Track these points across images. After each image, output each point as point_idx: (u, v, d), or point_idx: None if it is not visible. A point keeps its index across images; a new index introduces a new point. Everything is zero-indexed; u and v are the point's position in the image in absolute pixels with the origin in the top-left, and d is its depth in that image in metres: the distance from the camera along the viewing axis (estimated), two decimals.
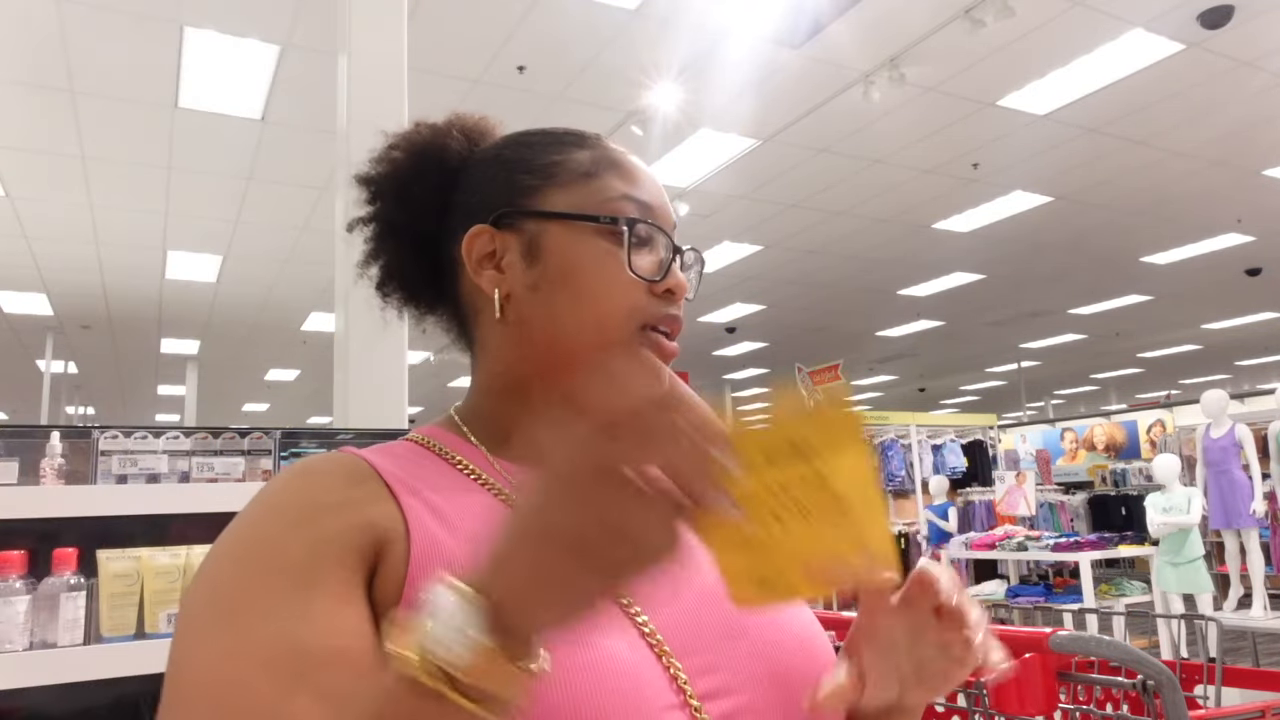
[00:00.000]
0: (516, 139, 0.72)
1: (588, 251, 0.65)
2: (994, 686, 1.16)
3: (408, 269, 0.73)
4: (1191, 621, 2.66)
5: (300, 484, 0.59)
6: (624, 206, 0.67)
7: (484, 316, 0.70)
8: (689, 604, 0.62)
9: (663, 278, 0.67)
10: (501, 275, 0.67)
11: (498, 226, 0.68)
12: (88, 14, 4.62)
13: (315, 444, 1.91)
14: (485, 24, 4.89)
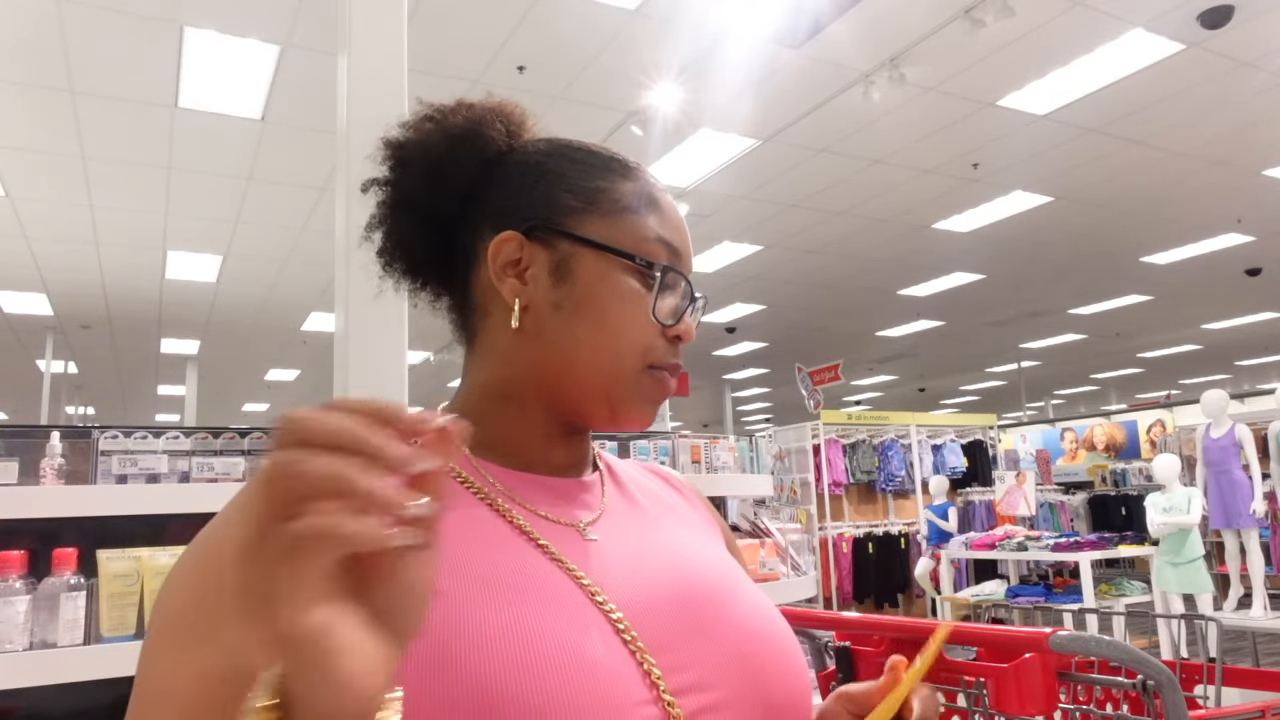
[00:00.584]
0: (563, 150, 0.71)
1: (617, 287, 0.67)
2: (994, 686, 1.16)
3: (418, 245, 0.72)
4: (1191, 621, 2.66)
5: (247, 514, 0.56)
6: (658, 250, 0.68)
7: (494, 320, 0.69)
8: (662, 600, 0.62)
9: (676, 323, 0.69)
10: (524, 286, 0.67)
11: (529, 237, 0.68)
12: (88, 14, 4.62)
13: None
14: (485, 24, 4.89)
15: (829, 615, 1.44)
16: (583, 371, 0.67)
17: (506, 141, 0.72)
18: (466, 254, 0.71)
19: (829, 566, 8.62)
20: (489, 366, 0.70)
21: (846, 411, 10.15)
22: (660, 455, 2.42)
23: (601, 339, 0.66)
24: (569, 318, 0.67)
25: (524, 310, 0.67)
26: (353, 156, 3.01)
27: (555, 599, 0.58)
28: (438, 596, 0.55)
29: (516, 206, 0.69)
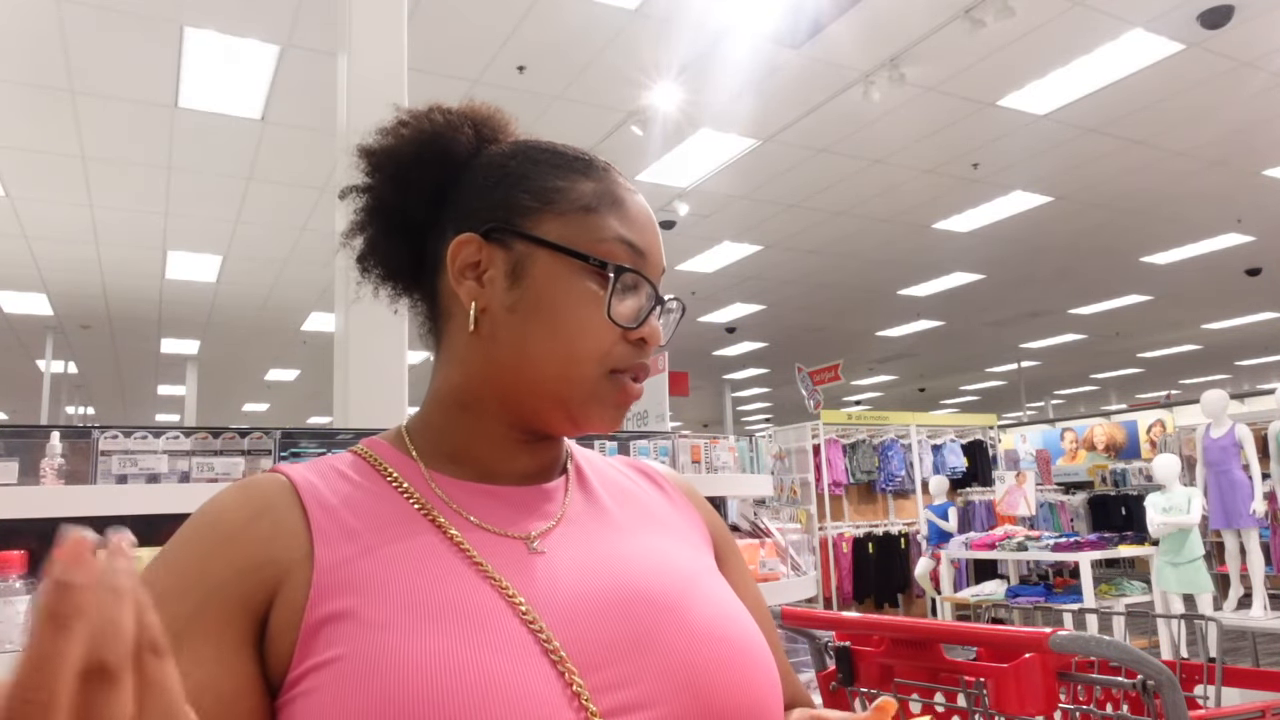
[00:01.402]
0: (526, 151, 0.70)
1: (571, 288, 0.65)
2: (994, 686, 1.16)
3: (391, 250, 0.72)
4: (1191, 621, 2.66)
5: (200, 533, 0.59)
6: (616, 250, 0.66)
7: (455, 322, 0.69)
8: (601, 615, 0.60)
9: (638, 326, 0.66)
10: (481, 289, 0.67)
11: (487, 238, 0.67)
12: (88, 14, 4.62)
13: (315, 444, 1.91)
14: (485, 24, 4.89)
15: (829, 615, 1.44)
16: (537, 376, 0.65)
17: (475, 145, 0.71)
18: (433, 258, 0.70)
19: (829, 566, 8.63)
20: (448, 373, 0.69)
21: (846, 411, 10.15)
22: (660, 455, 2.42)
23: (556, 343, 0.65)
24: (523, 320, 0.65)
25: (481, 313, 0.66)
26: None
27: (478, 620, 0.56)
28: (356, 621, 0.55)
29: (477, 209, 0.68)
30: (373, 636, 0.54)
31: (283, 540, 0.59)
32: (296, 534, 0.59)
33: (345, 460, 0.68)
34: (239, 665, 0.55)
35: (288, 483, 0.63)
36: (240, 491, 0.62)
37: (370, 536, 0.60)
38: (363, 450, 0.69)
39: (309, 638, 0.55)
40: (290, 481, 0.63)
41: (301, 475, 0.64)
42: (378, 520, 0.61)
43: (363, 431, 2.04)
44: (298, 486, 0.62)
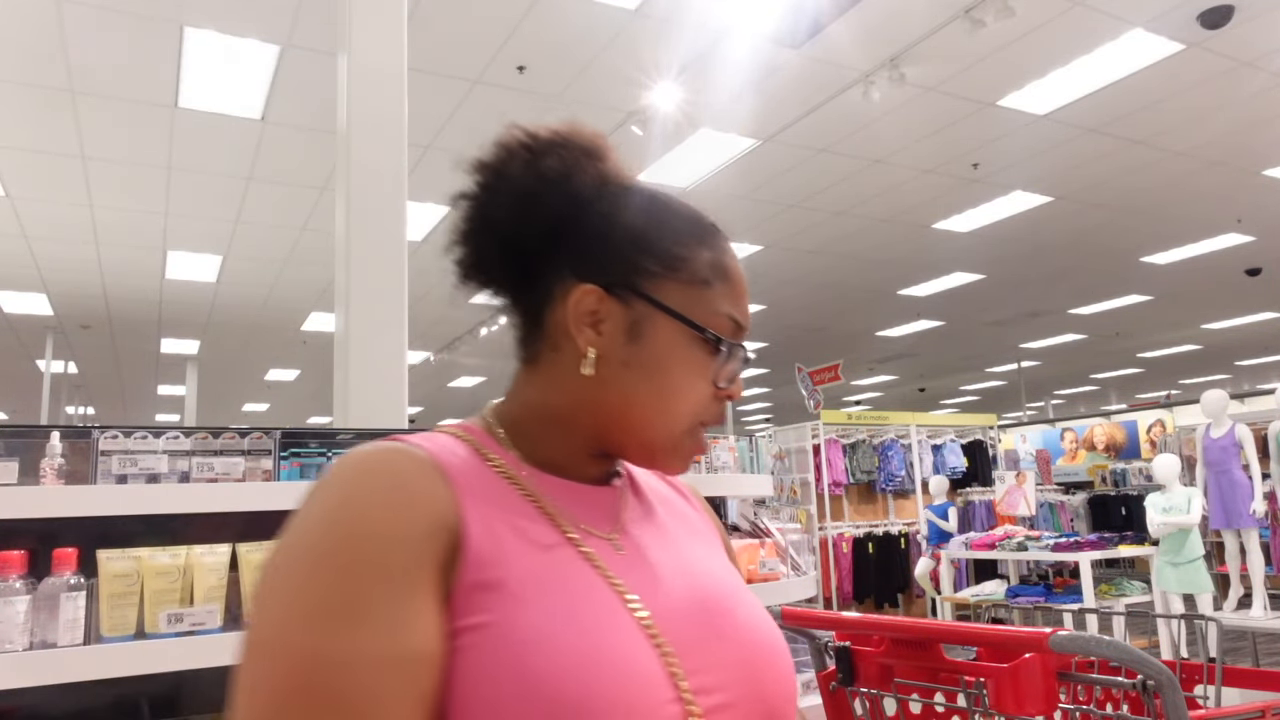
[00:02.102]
0: (647, 206, 0.74)
1: (684, 355, 0.71)
2: (994, 686, 1.16)
3: (497, 267, 0.75)
4: (1191, 621, 2.66)
5: (385, 484, 0.62)
6: (724, 324, 0.73)
7: (563, 355, 0.73)
8: (682, 608, 0.67)
9: (729, 385, 0.74)
10: (598, 338, 0.71)
11: (609, 292, 0.71)
12: (88, 14, 4.62)
13: (315, 444, 1.91)
14: (485, 24, 4.89)
15: (829, 615, 1.44)
16: (636, 424, 0.72)
17: (596, 186, 0.74)
18: (545, 288, 0.73)
19: (829, 566, 8.62)
20: (548, 393, 0.74)
21: (846, 411, 10.15)
22: None
23: (660, 400, 0.71)
24: (636, 375, 0.71)
25: (599, 358, 0.71)
26: (353, 156, 3.01)
27: (599, 603, 0.63)
28: (502, 593, 0.61)
29: (598, 258, 0.72)
30: (516, 610, 0.60)
31: (451, 508, 0.64)
32: (451, 503, 0.64)
33: (449, 441, 0.71)
34: (438, 616, 0.60)
35: (427, 456, 0.66)
36: (403, 456, 0.65)
37: (497, 516, 0.66)
38: (462, 434, 0.73)
39: (463, 599, 0.61)
40: (429, 455, 0.67)
41: (436, 453, 0.67)
42: (499, 502, 0.67)
43: (363, 431, 2.04)
44: (441, 464, 0.66)
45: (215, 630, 1.62)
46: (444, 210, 7.71)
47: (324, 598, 0.56)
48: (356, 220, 2.93)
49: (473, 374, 15.68)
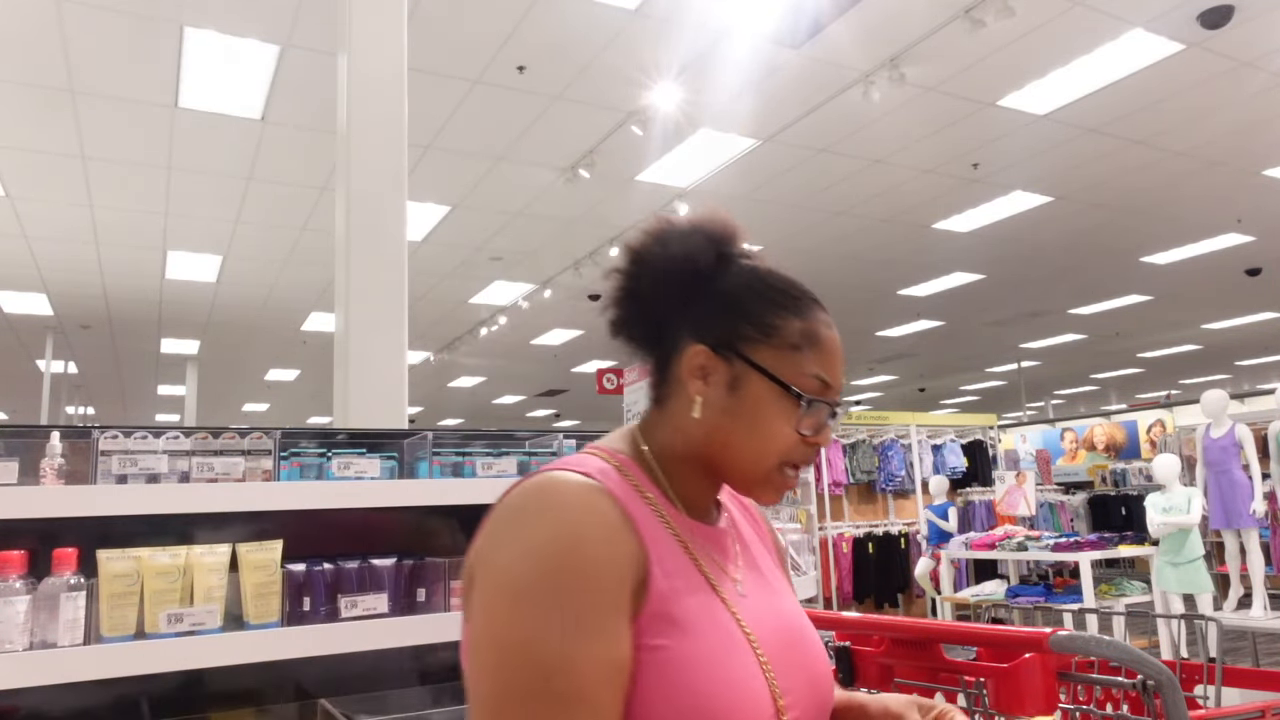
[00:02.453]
0: (752, 284, 0.90)
1: (774, 407, 0.87)
2: (994, 686, 1.16)
3: (639, 326, 0.94)
4: (1191, 621, 2.66)
5: (599, 520, 0.78)
6: (810, 383, 0.87)
7: (680, 400, 0.90)
8: (781, 643, 0.86)
9: (815, 435, 0.89)
10: (706, 388, 0.88)
11: (715, 352, 0.88)
12: (88, 14, 4.62)
13: (315, 444, 1.91)
14: (485, 24, 4.89)
15: (829, 615, 1.45)
16: (734, 461, 0.88)
17: (714, 264, 0.91)
18: (671, 345, 0.91)
19: (829, 566, 8.62)
20: (672, 433, 0.91)
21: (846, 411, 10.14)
22: None
23: (753, 442, 0.87)
24: (733, 422, 0.87)
25: (704, 405, 0.88)
26: (352, 156, 3.02)
27: (735, 640, 0.82)
28: (675, 624, 0.78)
29: (709, 324, 0.89)
30: (685, 641, 0.78)
31: (636, 547, 0.80)
32: (640, 545, 0.80)
33: (616, 478, 0.86)
34: (630, 634, 0.76)
35: (616, 500, 0.81)
36: (601, 496, 0.80)
37: (667, 558, 0.82)
38: (619, 467, 0.88)
39: (647, 623, 0.77)
40: (617, 499, 0.81)
41: (615, 488, 0.83)
42: (665, 545, 0.84)
43: (363, 431, 2.04)
44: (625, 506, 0.82)
45: (215, 630, 1.62)
46: (444, 210, 7.71)
47: (566, 614, 0.72)
48: (356, 220, 2.93)
49: (473, 374, 15.68)
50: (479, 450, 2.09)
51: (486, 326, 11.80)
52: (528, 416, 21.49)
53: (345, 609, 1.75)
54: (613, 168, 6.88)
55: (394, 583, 1.83)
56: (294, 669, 1.82)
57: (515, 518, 0.78)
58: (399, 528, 2.03)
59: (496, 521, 0.80)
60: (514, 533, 0.77)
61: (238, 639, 1.62)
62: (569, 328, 12.41)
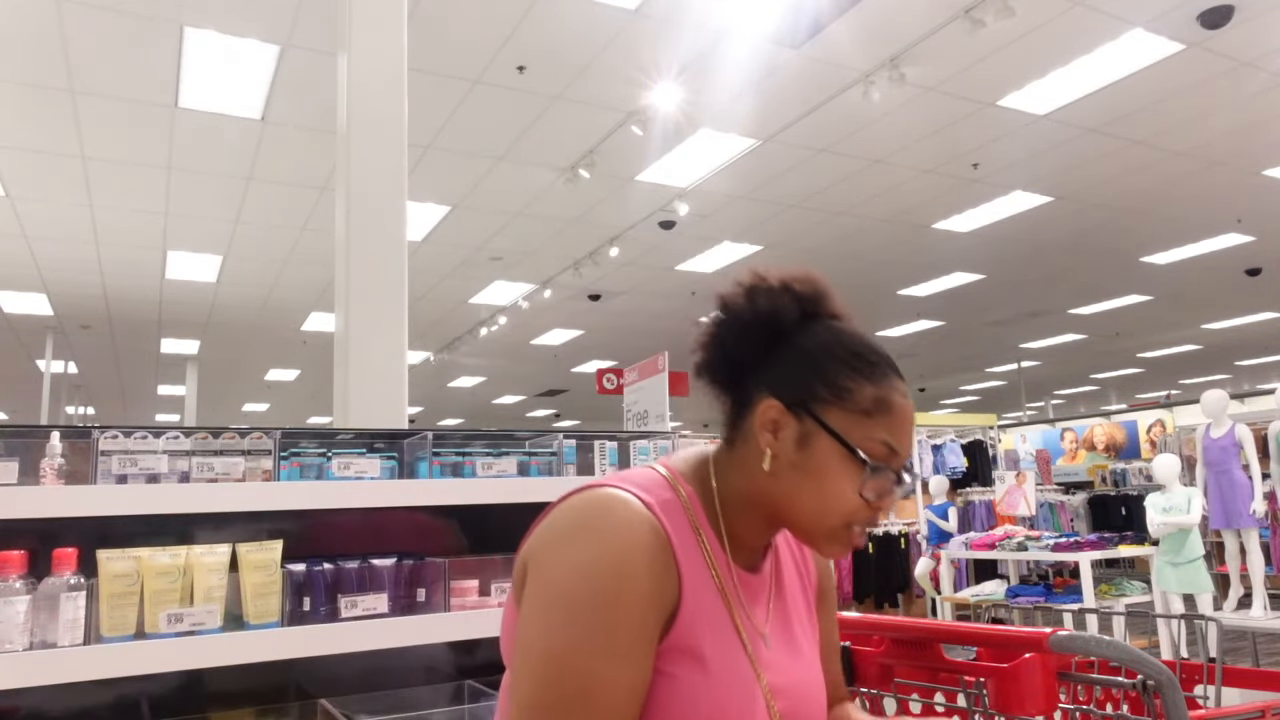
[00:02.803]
0: (830, 345, 0.93)
1: (840, 468, 0.88)
2: (994, 686, 1.16)
3: (721, 371, 0.98)
4: (1191, 621, 2.66)
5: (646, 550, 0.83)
6: (877, 449, 0.89)
7: (751, 447, 0.93)
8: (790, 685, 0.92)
9: (879, 498, 0.90)
10: (776, 442, 0.91)
11: (787, 408, 0.90)
12: (88, 14, 4.62)
13: (315, 444, 1.91)
14: (485, 24, 4.89)
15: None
16: (798, 514, 0.91)
17: (798, 320, 0.96)
18: (748, 394, 0.95)
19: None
20: (739, 477, 0.94)
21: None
22: (661, 455, 2.42)
23: (817, 500, 0.89)
24: (800, 477, 0.90)
25: (772, 458, 0.90)
26: (352, 156, 3.01)
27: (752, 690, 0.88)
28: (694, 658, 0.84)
29: (785, 380, 0.92)
30: (701, 677, 0.84)
31: (673, 583, 0.85)
32: (678, 581, 0.86)
33: (676, 508, 0.90)
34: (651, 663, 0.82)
35: (667, 535, 0.86)
36: (651, 530, 0.85)
37: (702, 597, 0.88)
38: (687, 504, 0.92)
39: (666, 652, 0.84)
40: (667, 534, 0.86)
41: (669, 522, 0.87)
42: (702, 586, 0.89)
43: (363, 431, 2.04)
44: (673, 543, 0.87)
45: (215, 630, 1.62)
46: (444, 210, 7.71)
47: (605, 636, 0.79)
48: (356, 220, 2.93)
49: (473, 374, 15.68)
50: (479, 450, 2.09)
51: (486, 326, 11.80)
52: (528, 416, 21.49)
53: (345, 609, 1.75)
54: (612, 168, 6.88)
55: (394, 583, 1.83)
56: (294, 669, 1.82)
57: (575, 531, 0.84)
58: (399, 528, 2.03)
59: (557, 526, 0.86)
60: (572, 546, 0.83)
61: (238, 639, 1.62)
62: (569, 328, 12.41)
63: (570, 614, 0.80)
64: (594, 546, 0.82)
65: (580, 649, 0.78)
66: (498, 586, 1.95)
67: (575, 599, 0.80)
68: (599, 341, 13.38)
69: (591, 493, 0.88)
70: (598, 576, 0.80)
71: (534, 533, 0.89)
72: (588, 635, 0.79)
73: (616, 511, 0.84)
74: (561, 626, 0.79)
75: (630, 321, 12.09)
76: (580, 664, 0.78)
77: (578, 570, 0.81)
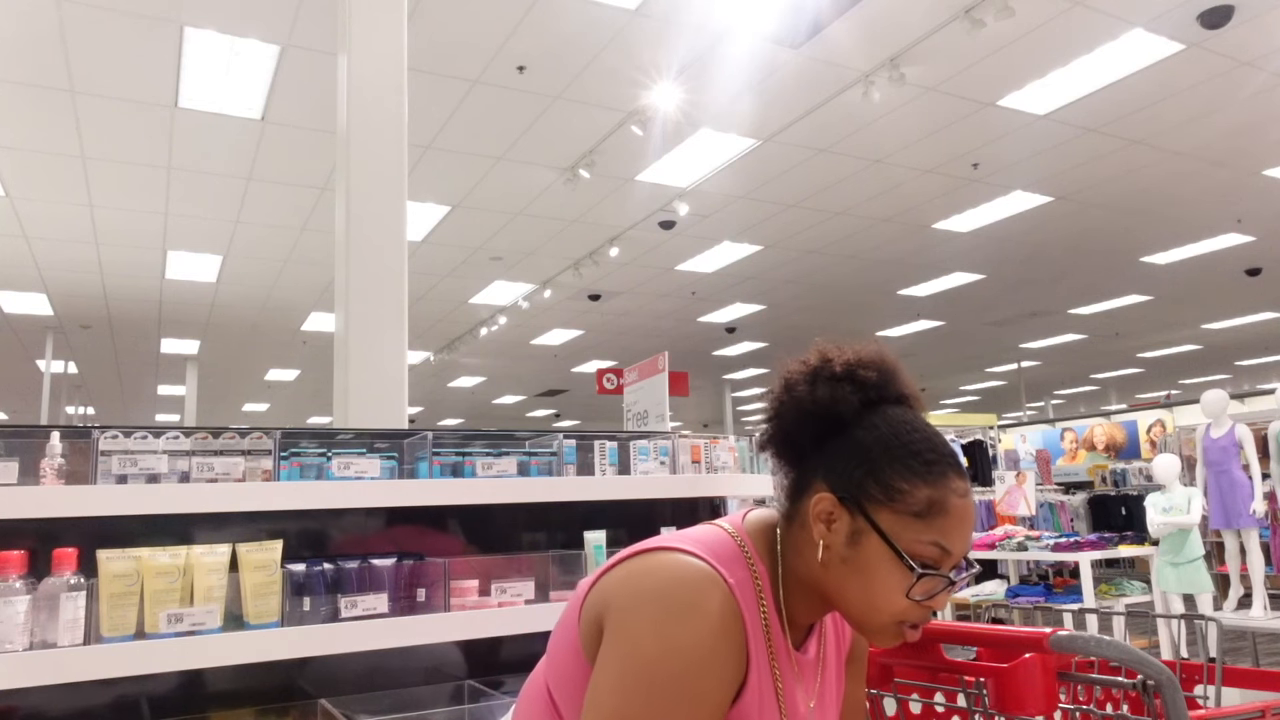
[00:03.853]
0: (888, 441, 0.91)
1: (887, 570, 0.88)
2: (994, 686, 1.16)
3: (783, 448, 0.97)
4: (1191, 621, 2.66)
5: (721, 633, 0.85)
6: (927, 551, 0.88)
7: (806, 533, 0.93)
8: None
9: (928, 599, 0.88)
10: (829, 534, 0.90)
11: (841, 501, 0.90)
12: (88, 14, 4.62)
13: (315, 444, 1.91)
14: (485, 24, 4.89)
15: None
16: (848, 607, 0.91)
17: (858, 409, 0.93)
18: (807, 477, 0.95)
19: None
20: (796, 558, 0.95)
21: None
22: (660, 455, 2.42)
23: (865, 596, 0.89)
24: (850, 572, 0.90)
25: (825, 548, 0.91)
26: (352, 156, 3.01)
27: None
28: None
29: (840, 472, 0.91)
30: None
31: (741, 667, 0.88)
32: (744, 665, 0.88)
33: (748, 585, 0.92)
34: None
35: (742, 620, 0.88)
36: (733, 615, 0.87)
37: (762, 680, 0.90)
38: (758, 580, 0.93)
39: None
40: (743, 619, 0.88)
41: (742, 604, 0.88)
42: (763, 669, 0.91)
43: (363, 432, 2.04)
44: (746, 627, 0.88)
45: (215, 630, 1.62)
46: (444, 210, 7.71)
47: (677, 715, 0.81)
48: (356, 220, 2.93)
49: (473, 374, 15.68)
50: (479, 450, 2.09)
51: (486, 326, 11.80)
52: (528, 416, 21.49)
53: (345, 609, 1.75)
54: (612, 168, 6.88)
55: (394, 583, 1.83)
56: (294, 669, 1.82)
57: (664, 602, 0.85)
58: (399, 528, 2.03)
59: (645, 590, 0.86)
60: (660, 619, 0.84)
61: (238, 639, 1.62)
62: (569, 328, 12.41)
63: (651, 690, 0.81)
64: (683, 626, 0.83)
65: None
66: (498, 586, 1.95)
67: (657, 676, 0.81)
68: (599, 341, 13.38)
69: (678, 560, 0.88)
70: (683, 659, 0.82)
71: (612, 580, 0.90)
72: (663, 713, 0.81)
73: (705, 591, 0.85)
74: (639, 699, 0.81)
75: (630, 321, 12.09)
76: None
77: (664, 647, 0.82)
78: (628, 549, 0.94)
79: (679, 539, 0.93)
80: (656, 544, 0.92)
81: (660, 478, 2.30)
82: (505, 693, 1.83)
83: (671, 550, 0.90)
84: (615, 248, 8.65)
